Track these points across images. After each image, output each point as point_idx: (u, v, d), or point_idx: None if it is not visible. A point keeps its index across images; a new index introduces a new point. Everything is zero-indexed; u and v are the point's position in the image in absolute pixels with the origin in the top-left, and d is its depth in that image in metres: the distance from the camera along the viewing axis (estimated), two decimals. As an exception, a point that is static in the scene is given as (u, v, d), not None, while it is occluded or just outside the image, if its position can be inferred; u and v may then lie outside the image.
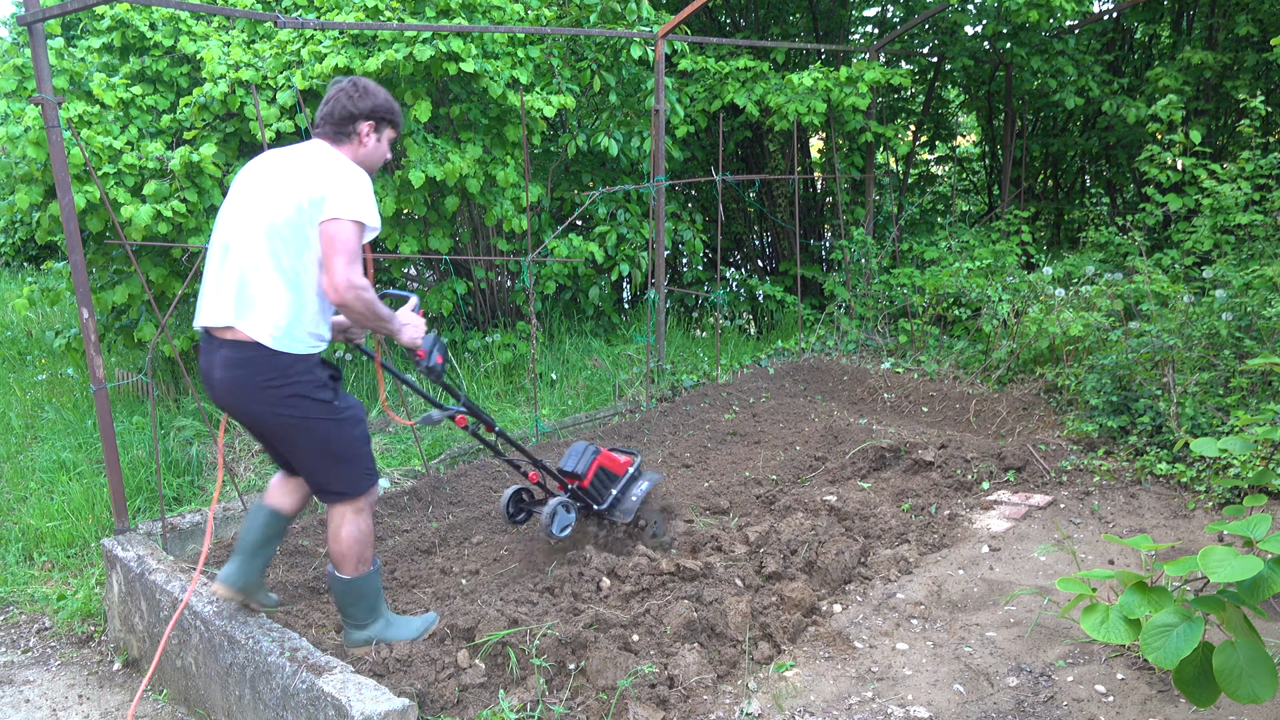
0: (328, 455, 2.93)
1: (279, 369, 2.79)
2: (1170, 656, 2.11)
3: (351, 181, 2.79)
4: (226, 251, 2.85)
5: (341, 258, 2.72)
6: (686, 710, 2.78)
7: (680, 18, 6.09)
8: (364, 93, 2.95)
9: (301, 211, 2.74)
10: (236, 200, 2.90)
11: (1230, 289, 5.22)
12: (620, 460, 3.95)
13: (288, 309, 2.78)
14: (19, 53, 6.13)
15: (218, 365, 2.86)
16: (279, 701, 2.76)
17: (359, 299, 2.76)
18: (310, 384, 2.85)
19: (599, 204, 7.21)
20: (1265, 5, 7.19)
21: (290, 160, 2.87)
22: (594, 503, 3.84)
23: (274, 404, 2.82)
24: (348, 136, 2.95)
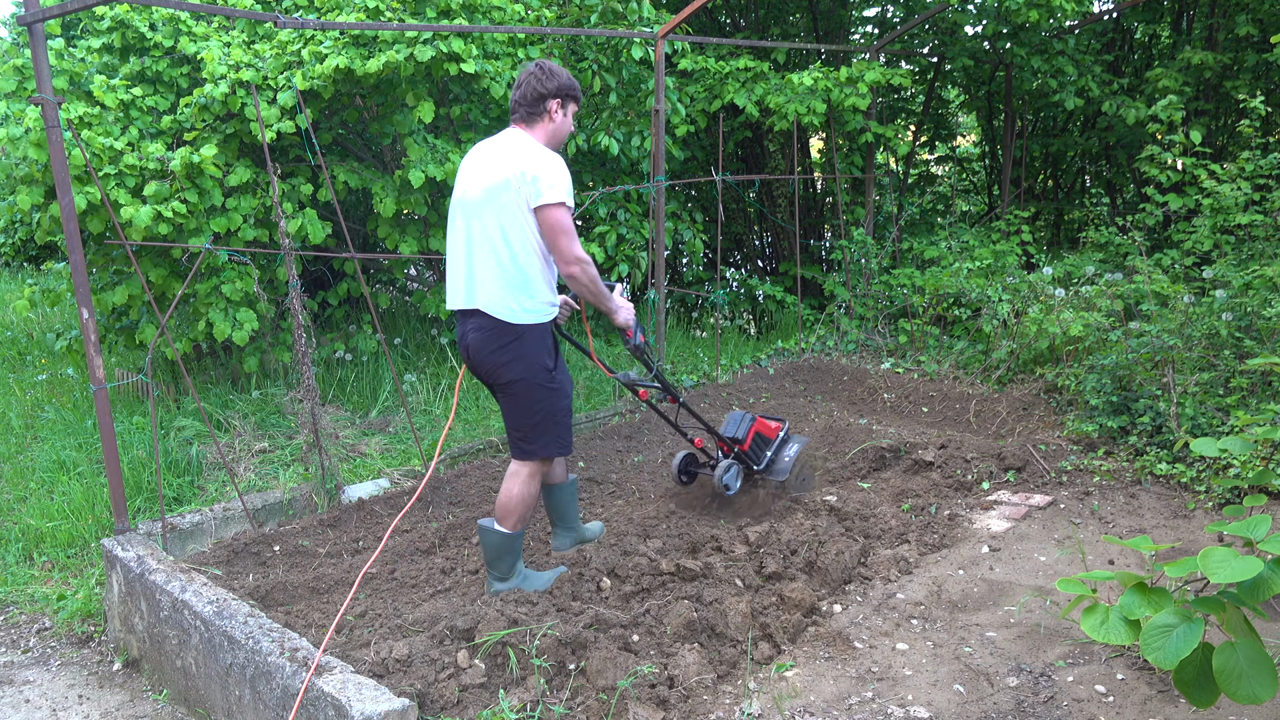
0: (534, 415, 3.37)
1: (515, 335, 3.28)
2: (1170, 657, 2.11)
3: (553, 169, 3.23)
4: (461, 240, 3.34)
5: (563, 237, 3.22)
6: (686, 710, 2.78)
7: (680, 18, 6.09)
8: (550, 74, 3.35)
9: (516, 197, 3.21)
10: (463, 193, 3.36)
11: (1230, 289, 5.22)
12: (772, 426, 4.45)
13: (521, 286, 3.26)
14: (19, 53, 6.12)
15: (468, 332, 3.37)
16: (279, 701, 2.76)
17: (584, 272, 3.28)
18: (537, 350, 3.33)
19: (599, 204, 7.21)
20: (1265, 5, 7.19)
21: (500, 153, 3.32)
22: (753, 464, 4.33)
23: (506, 365, 3.31)
24: (539, 116, 3.36)
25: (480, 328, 3.31)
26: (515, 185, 3.19)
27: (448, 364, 6.59)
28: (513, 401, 3.37)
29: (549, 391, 3.37)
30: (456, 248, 3.36)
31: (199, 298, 5.54)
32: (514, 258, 3.24)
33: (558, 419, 3.42)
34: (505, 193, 3.21)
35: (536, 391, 3.34)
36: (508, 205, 3.21)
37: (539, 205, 3.19)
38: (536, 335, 3.31)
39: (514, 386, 3.34)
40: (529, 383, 3.33)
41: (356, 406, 6.08)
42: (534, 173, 3.19)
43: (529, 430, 3.39)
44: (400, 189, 5.98)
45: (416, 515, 4.45)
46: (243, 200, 5.54)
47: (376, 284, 7.91)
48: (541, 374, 3.34)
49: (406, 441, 5.48)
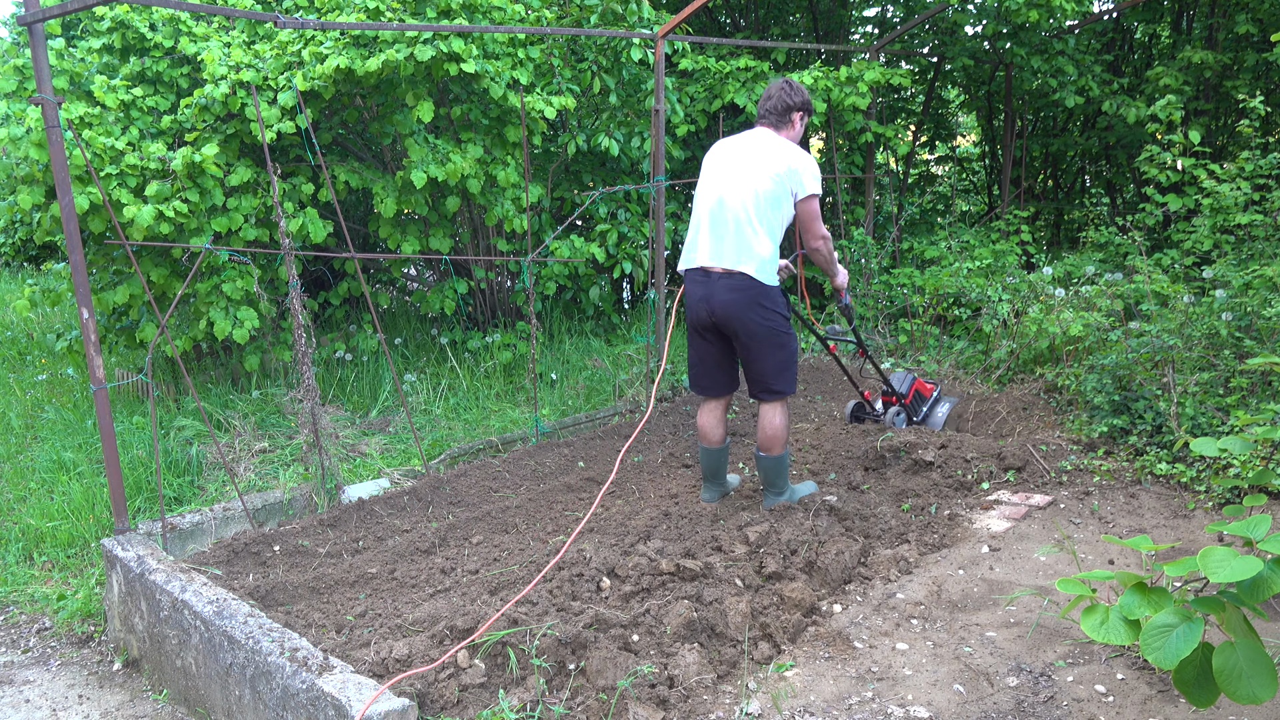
0: (778, 360, 4.02)
1: (765, 293, 3.93)
2: (1170, 657, 2.11)
3: (811, 168, 3.94)
4: (721, 211, 3.93)
5: (816, 221, 4.00)
6: (686, 710, 2.78)
7: (680, 18, 6.09)
8: (795, 90, 4.04)
9: (780, 185, 3.88)
10: (718, 173, 4.00)
11: (1230, 289, 5.22)
12: (929, 386, 5.39)
13: (769, 253, 3.91)
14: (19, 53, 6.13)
15: (720, 290, 3.94)
16: (279, 701, 2.76)
17: (826, 246, 4.07)
18: (782, 305, 4.02)
19: (599, 204, 7.21)
20: (1265, 5, 7.19)
21: (757, 145, 3.98)
22: (914, 414, 5.23)
23: (760, 318, 3.94)
24: (786, 124, 4.05)
25: (738, 288, 3.90)
26: (784, 177, 3.87)
27: (448, 364, 6.60)
28: (764, 347, 3.98)
29: (789, 337, 4.05)
30: (723, 222, 3.93)
31: (199, 297, 5.54)
32: (772, 233, 3.91)
33: (794, 360, 4.09)
34: (774, 181, 3.87)
35: (782, 338, 4.00)
36: (775, 192, 3.87)
37: (804, 196, 3.92)
38: (777, 293, 3.98)
39: (770, 336, 3.96)
40: (779, 331, 3.98)
41: (356, 406, 6.08)
42: (799, 169, 3.89)
43: (777, 372, 4.02)
44: (401, 189, 5.98)
45: (416, 515, 4.45)
46: (243, 200, 5.54)
47: (377, 284, 7.92)
48: (785, 323, 4.02)
49: (406, 441, 5.48)
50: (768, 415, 4.11)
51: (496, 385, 6.36)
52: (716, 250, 3.95)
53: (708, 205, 4.00)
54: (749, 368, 4.08)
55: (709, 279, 3.98)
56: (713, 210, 3.98)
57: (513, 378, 6.53)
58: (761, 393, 4.10)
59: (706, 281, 3.99)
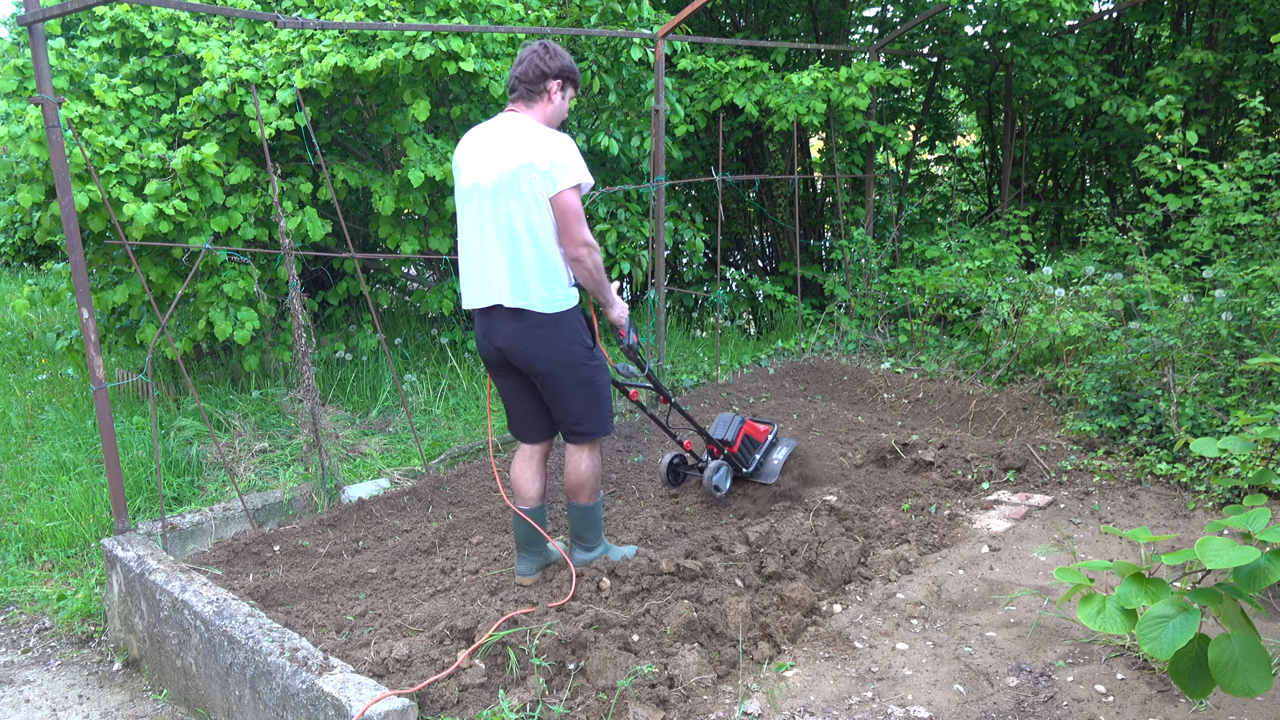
0: (584, 396, 3.40)
1: (553, 323, 3.26)
2: (1166, 648, 2.11)
3: (565, 151, 3.19)
4: (479, 229, 3.27)
5: (575, 222, 3.20)
6: (686, 710, 2.78)
7: (680, 18, 6.09)
8: (553, 54, 3.32)
9: (531, 185, 3.16)
10: (467, 178, 3.31)
11: (1230, 289, 5.22)
12: (761, 429, 4.46)
13: (547, 274, 3.22)
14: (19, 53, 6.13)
15: (499, 326, 3.31)
16: (279, 701, 2.76)
17: (590, 257, 3.25)
18: (577, 331, 3.34)
19: (599, 204, 7.21)
20: (1265, 5, 7.19)
21: (505, 140, 3.25)
22: (742, 466, 4.34)
23: (552, 351, 3.29)
24: (539, 95, 3.32)
25: (513, 321, 3.27)
26: (533, 172, 3.15)
27: (448, 364, 6.60)
28: (560, 387, 3.38)
29: (595, 369, 3.42)
30: (475, 241, 3.29)
31: (199, 297, 5.54)
32: (539, 246, 3.20)
33: (603, 396, 3.46)
34: (523, 180, 3.16)
35: (584, 370, 3.38)
36: (527, 193, 3.17)
37: (556, 190, 3.16)
38: (573, 318, 3.33)
39: (561, 373, 3.34)
40: (579, 364, 3.35)
41: (356, 406, 6.08)
42: (550, 157, 3.15)
43: (583, 413, 3.44)
44: (400, 188, 5.98)
45: (416, 515, 4.45)
46: (243, 199, 5.54)
47: (376, 284, 7.91)
48: (583, 354, 3.37)
49: (406, 441, 5.48)
50: (574, 459, 3.52)
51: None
52: (484, 281, 3.30)
53: (462, 222, 3.37)
54: (551, 407, 3.50)
55: (489, 317, 3.36)
56: (467, 228, 3.34)
57: (513, 378, 6.53)
58: (567, 434, 3.52)
59: (486, 318, 3.37)
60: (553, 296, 3.25)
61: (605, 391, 3.48)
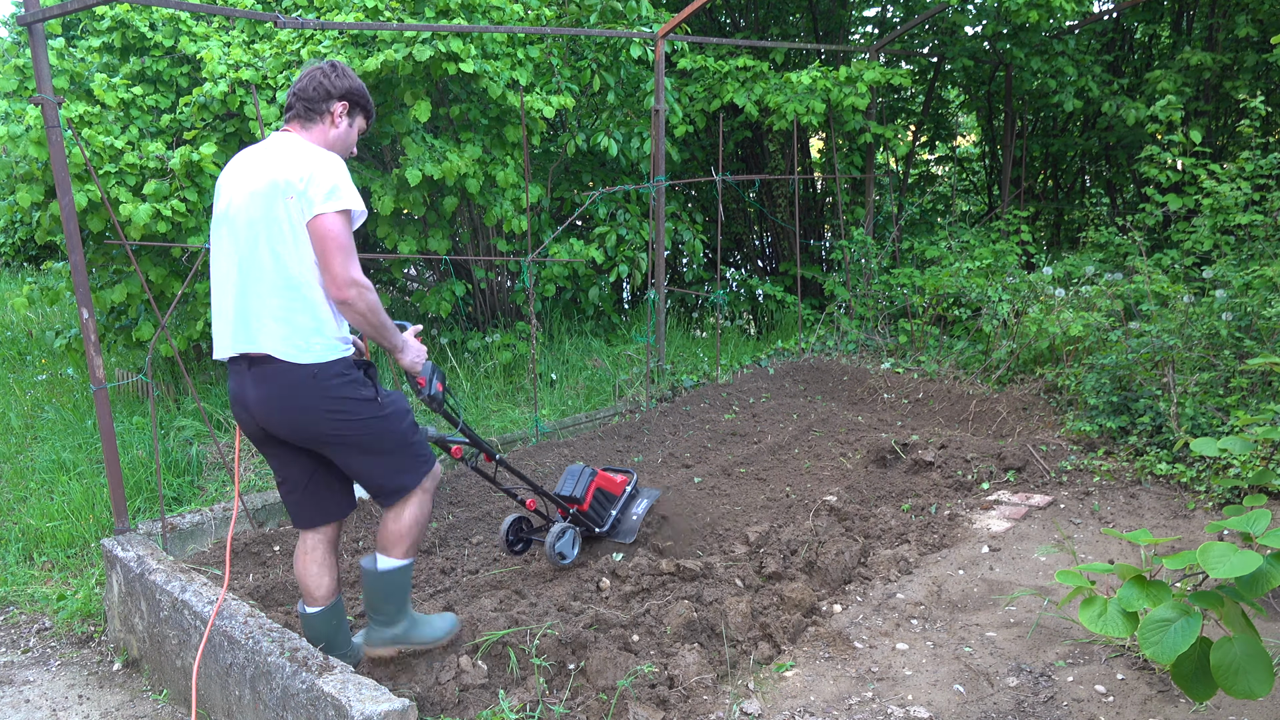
0: (384, 454, 2.80)
1: (314, 377, 2.66)
2: (1168, 651, 2.11)
3: (327, 170, 2.62)
4: (229, 271, 2.71)
5: (339, 254, 2.58)
6: (686, 710, 2.78)
7: (680, 18, 6.09)
8: (342, 73, 2.82)
9: (290, 215, 2.59)
10: (226, 215, 2.74)
11: (1230, 289, 5.22)
12: (617, 480, 3.87)
13: (302, 319, 2.64)
14: (19, 53, 6.13)
15: (250, 386, 2.71)
16: (279, 701, 2.76)
17: (361, 297, 2.62)
18: (350, 384, 2.71)
19: (599, 204, 7.21)
20: (1265, 5, 7.19)
21: (264, 161, 2.69)
22: (595, 525, 3.78)
23: (321, 413, 2.68)
24: (320, 115, 2.79)
25: (269, 378, 2.67)
26: (288, 192, 2.59)
27: (448, 364, 6.59)
28: (349, 452, 2.78)
29: (388, 418, 2.79)
30: (225, 280, 2.73)
31: (198, 297, 5.54)
32: (296, 286, 2.63)
33: (407, 442, 2.85)
34: (277, 202, 2.60)
35: (373, 426, 2.76)
36: (280, 218, 2.60)
37: (313, 215, 2.57)
38: (343, 367, 2.71)
39: (345, 437, 2.73)
40: (363, 419, 2.73)
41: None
42: (306, 174, 2.59)
43: (389, 471, 2.84)
44: (398, 188, 5.98)
45: (416, 515, 4.44)
46: (243, 200, 5.54)
47: (376, 284, 7.91)
48: (369, 405, 2.75)
49: (406, 441, 5.47)
50: (394, 511, 2.90)
51: (496, 385, 6.35)
52: (227, 327, 2.74)
53: (215, 259, 2.79)
54: (349, 472, 2.88)
55: (238, 367, 2.76)
56: (216, 262, 2.78)
57: (513, 378, 6.53)
58: (379, 497, 2.90)
59: (236, 372, 2.77)
60: (310, 345, 2.65)
61: (409, 435, 2.86)
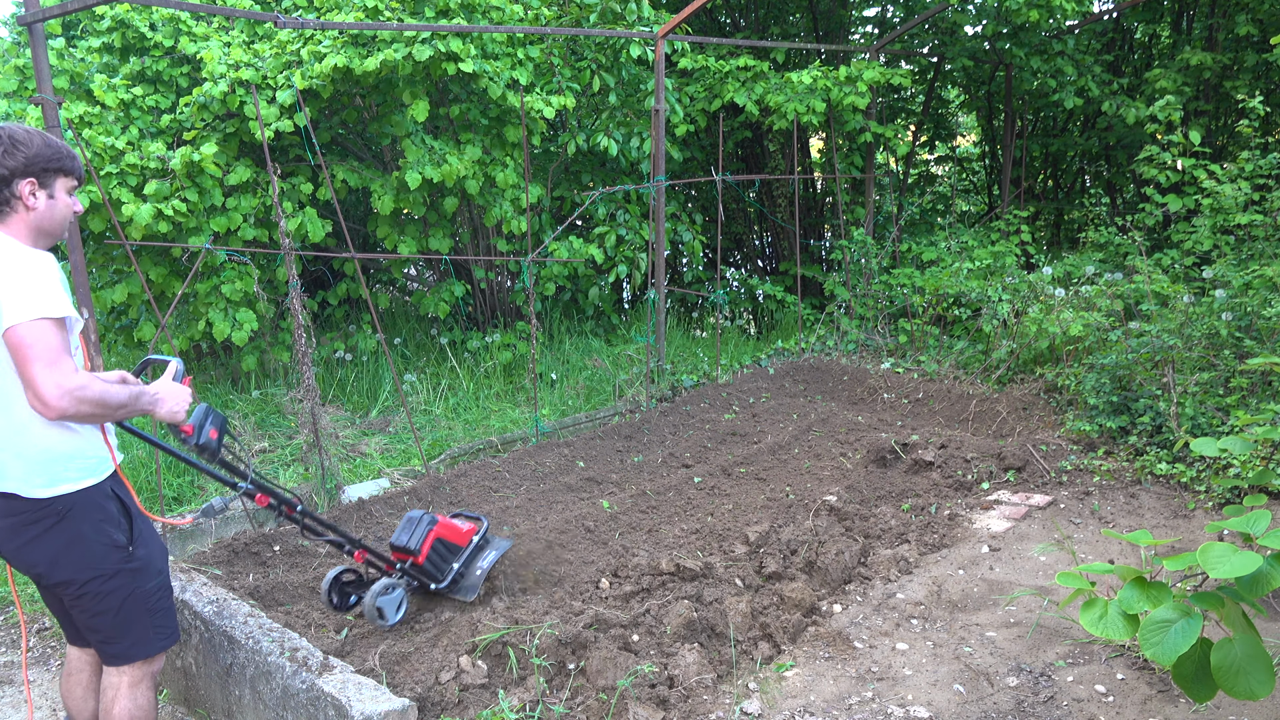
0: (114, 612, 2.45)
1: (56, 515, 2.33)
2: (1169, 652, 2.11)
3: (17, 275, 2.22)
4: None
5: (39, 364, 2.15)
6: (686, 710, 2.78)
7: (680, 18, 6.09)
8: (11, 146, 2.31)
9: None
10: None
11: (1230, 289, 5.22)
12: (463, 529, 3.49)
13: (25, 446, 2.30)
14: (20, 53, 6.13)
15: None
16: (279, 701, 2.76)
17: (82, 401, 2.18)
18: (95, 527, 2.37)
19: (599, 204, 7.21)
20: (1265, 5, 7.19)
21: None
22: (431, 580, 3.38)
23: (56, 559, 2.35)
24: (8, 204, 2.32)
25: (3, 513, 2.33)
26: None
27: (448, 364, 6.60)
28: (80, 601, 2.42)
29: (131, 575, 2.44)
30: None
31: (199, 297, 5.54)
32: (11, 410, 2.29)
33: (151, 603, 2.50)
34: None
35: (111, 583, 2.41)
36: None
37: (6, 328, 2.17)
38: (89, 506, 2.36)
39: (77, 585, 2.39)
40: (97, 575, 2.39)
41: (356, 406, 6.08)
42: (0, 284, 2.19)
43: (114, 629, 2.46)
44: (399, 188, 5.98)
45: (416, 515, 4.44)
46: (243, 199, 5.55)
47: (376, 284, 7.91)
48: (112, 557, 2.40)
49: (406, 441, 5.48)
50: (109, 694, 2.53)
51: (496, 385, 6.35)
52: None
53: None
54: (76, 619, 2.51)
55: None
56: None
57: (513, 378, 6.53)
58: (100, 650, 2.53)
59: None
60: (53, 475, 2.32)
61: (155, 599, 2.52)
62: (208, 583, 3.34)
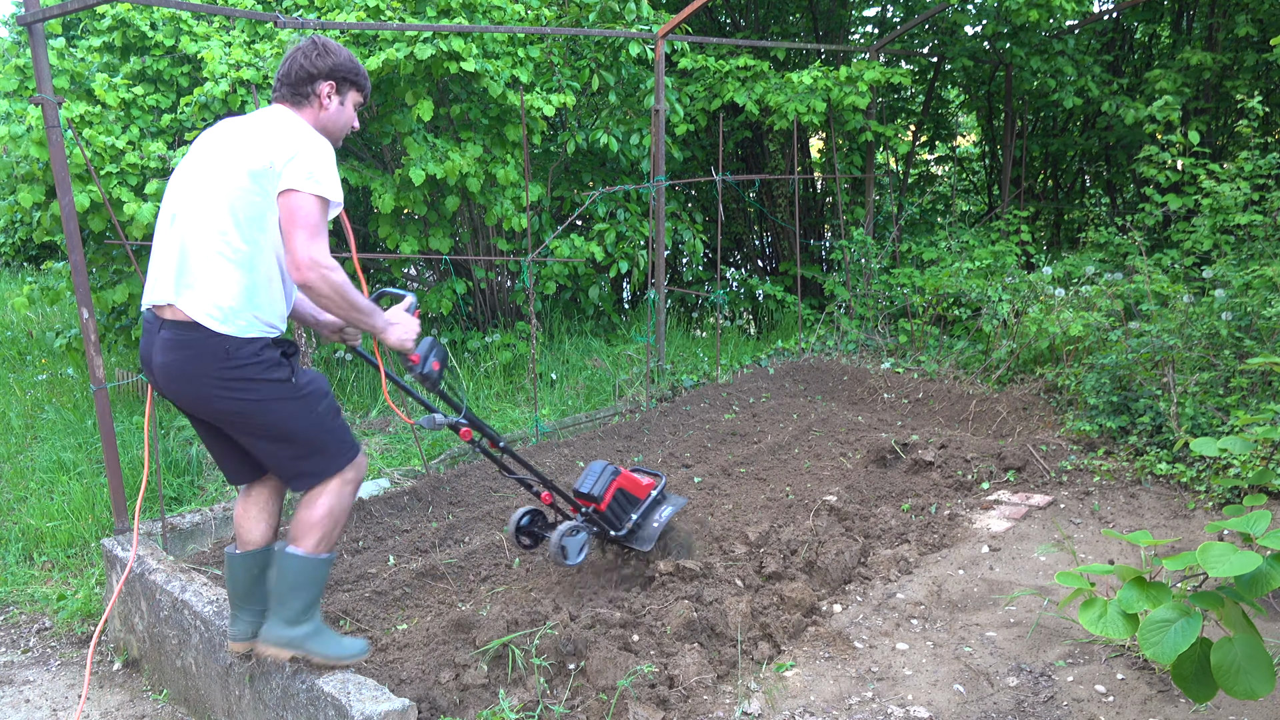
0: (292, 438, 2.61)
1: (225, 352, 2.49)
2: (1168, 652, 2.11)
3: (312, 150, 2.50)
4: (173, 223, 2.57)
5: (302, 232, 2.42)
6: (686, 710, 2.78)
7: (680, 18, 6.09)
8: (324, 51, 2.66)
9: (257, 182, 2.48)
10: (188, 167, 2.61)
11: (1230, 289, 5.23)
12: (643, 482, 3.63)
13: (234, 289, 2.49)
14: (20, 53, 6.13)
15: (157, 349, 2.55)
16: (279, 701, 2.76)
17: (324, 279, 2.43)
18: (260, 365, 2.53)
19: (599, 203, 7.21)
20: (1265, 5, 7.19)
21: (248, 126, 2.60)
22: (611, 528, 3.51)
23: (222, 389, 2.51)
24: (306, 98, 2.67)
25: (179, 344, 2.51)
26: (266, 163, 2.47)
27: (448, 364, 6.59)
28: (254, 435, 2.62)
29: (298, 402, 2.60)
30: (170, 232, 2.58)
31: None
32: (246, 255, 2.51)
33: (322, 428, 2.66)
34: (248, 173, 2.48)
35: (281, 409, 2.58)
36: (250, 189, 2.48)
37: (285, 189, 2.44)
38: (255, 349, 2.54)
39: (248, 417, 2.56)
40: (266, 404, 2.55)
41: (356, 406, 6.08)
42: (291, 150, 2.47)
43: (296, 458, 2.65)
44: (400, 187, 5.98)
45: (416, 515, 4.45)
46: (243, 200, 5.54)
47: (376, 284, 7.91)
48: (277, 389, 2.57)
49: (406, 441, 5.48)
50: (309, 497, 2.71)
51: (496, 385, 6.35)
52: (160, 278, 2.58)
53: (164, 208, 2.67)
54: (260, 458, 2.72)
55: (151, 327, 2.61)
56: (163, 219, 2.64)
57: (513, 377, 6.53)
58: (290, 482, 2.74)
59: (149, 330, 2.62)
60: (238, 315, 2.50)
61: (327, 422, 2.67)
62: (208, 583, 3.34)
